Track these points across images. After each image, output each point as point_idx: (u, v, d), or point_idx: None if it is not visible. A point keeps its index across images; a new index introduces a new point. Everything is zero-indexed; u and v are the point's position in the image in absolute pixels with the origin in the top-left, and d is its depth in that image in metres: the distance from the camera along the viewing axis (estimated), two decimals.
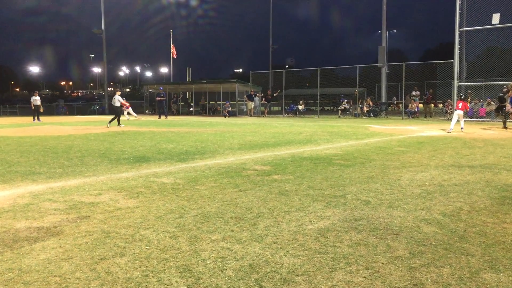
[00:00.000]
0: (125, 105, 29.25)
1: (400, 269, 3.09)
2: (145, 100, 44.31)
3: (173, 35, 49.89)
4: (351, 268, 3.10)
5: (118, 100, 19.76)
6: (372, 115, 30.11)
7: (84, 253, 3.44)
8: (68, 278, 2.97)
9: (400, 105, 33.86)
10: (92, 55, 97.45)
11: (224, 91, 40.24)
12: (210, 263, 3.21)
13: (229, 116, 32.44)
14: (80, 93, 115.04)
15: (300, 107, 34.21)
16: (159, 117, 30.64)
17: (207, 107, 40.64)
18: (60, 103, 58.83)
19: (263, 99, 34.28)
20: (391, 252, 3.44)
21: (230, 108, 34.91)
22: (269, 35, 54.79)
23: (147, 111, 41.03)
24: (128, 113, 29.16)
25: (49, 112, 42.20)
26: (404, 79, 28.14)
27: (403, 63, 30.11)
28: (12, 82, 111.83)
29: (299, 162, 8.30)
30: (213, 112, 39.47)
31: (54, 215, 4.56)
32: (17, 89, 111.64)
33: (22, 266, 3.17)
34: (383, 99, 35.78)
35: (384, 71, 36.77)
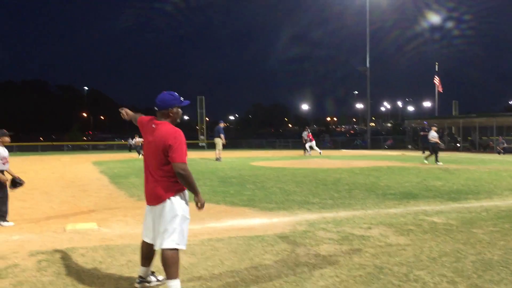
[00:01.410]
0: (311, 138, 29.19)
1: None
2: (407, 135, 43.44)
3: (438, 67, 48.00)
4: None
5: (433, 136, 19.01)
6: None
7: (359, 286, 3.50)
8: None
9: None
10: (356, 92, 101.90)
11: (499, 125, 36.25)
12: None
13: (504, 153, 29.00)
14: (344, 128, 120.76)
15: None
16: (423, 152, 29.58)
17: (477, 142, 37.30)
18: (326, 137, 62.87)
19: None
20: None
21: (505, 144, 31.21)
22: None
23: (409, 146, 40.11)
24: (311, 147, 29.02)
25: (317, 146, 45.46)
26: None
27: None
28: (286, 119, 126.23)
29: None
30: (485, 148, 35.89)
31: (328, 244, 4.82)
32: (290, 125, 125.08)
33: None
34: None
35: None
